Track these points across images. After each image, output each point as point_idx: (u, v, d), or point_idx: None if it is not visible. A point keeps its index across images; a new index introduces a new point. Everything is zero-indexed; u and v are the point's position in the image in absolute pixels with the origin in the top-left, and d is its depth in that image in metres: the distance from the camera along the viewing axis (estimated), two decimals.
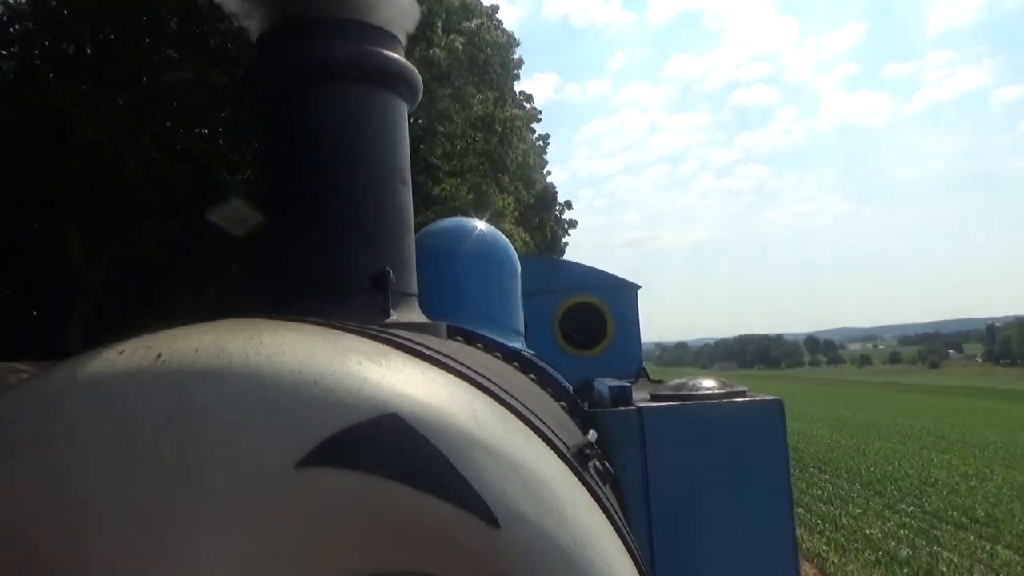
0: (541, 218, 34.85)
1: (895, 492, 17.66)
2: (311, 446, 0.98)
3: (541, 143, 38.38)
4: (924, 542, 12.92)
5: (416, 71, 2.07)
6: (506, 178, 26.47)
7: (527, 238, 27.87)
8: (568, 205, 40.77)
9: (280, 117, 1.95)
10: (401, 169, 2.01)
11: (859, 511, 15.56)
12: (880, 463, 22.24)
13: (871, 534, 13.56)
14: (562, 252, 37.08)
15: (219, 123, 16.08)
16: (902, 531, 13.81)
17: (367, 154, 1.92)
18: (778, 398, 2.49)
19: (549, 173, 41.47)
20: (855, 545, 12.83)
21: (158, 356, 1.07)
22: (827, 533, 13.74)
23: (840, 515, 15.12)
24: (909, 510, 15.71)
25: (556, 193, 38.90)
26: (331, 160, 1.89)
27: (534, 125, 34.49)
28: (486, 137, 24.35)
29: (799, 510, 15.06)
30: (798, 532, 12.84)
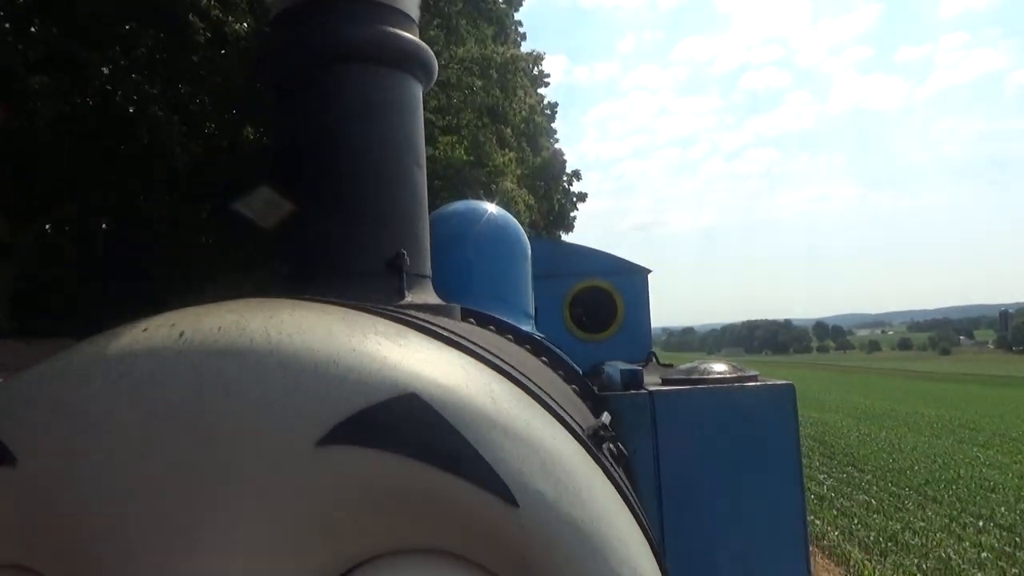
0: (548, 187, 32.13)
1: (953, 499, 15.97)
2: (332, 424, 0.99)
3: (549, 112, 35.23)
4: (1017, 572, 10.96)
5: (431, 52, 2.07)
6: (508, 131, 23.89)
7: (531, 201, 25.41)
8: (576, 176, 36.85)
9: (295, 99, 1.95)
10: (416, 151, 2.01)
11: (922, 524, 13.80)
12: (922, 461, 20.79)
13: (950, 558, 11.51)
14: (571, 227, 35.10)
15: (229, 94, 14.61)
16: (984, 554, 11.77)
17: (383, 136, 1.92)
18: (790, 382, 2.49)
19: (557, 141, 38.14)
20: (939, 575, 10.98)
21: (181, 334, 1.08)
22: (892, 555, 11.84)
23: (902, 530, 13.30)
24: (979, 523, 13.80)
25: (565, 162, 35.28)
26: (347, 142, 1.89)
27: (542, 91, 32.41)
28: (485, 87, 21.59)
29: (851, 521, 13.92)
30: (855, 552, 11.93)
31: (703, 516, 2.37)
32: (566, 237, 33.06)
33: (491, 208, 4.05)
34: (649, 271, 5.40)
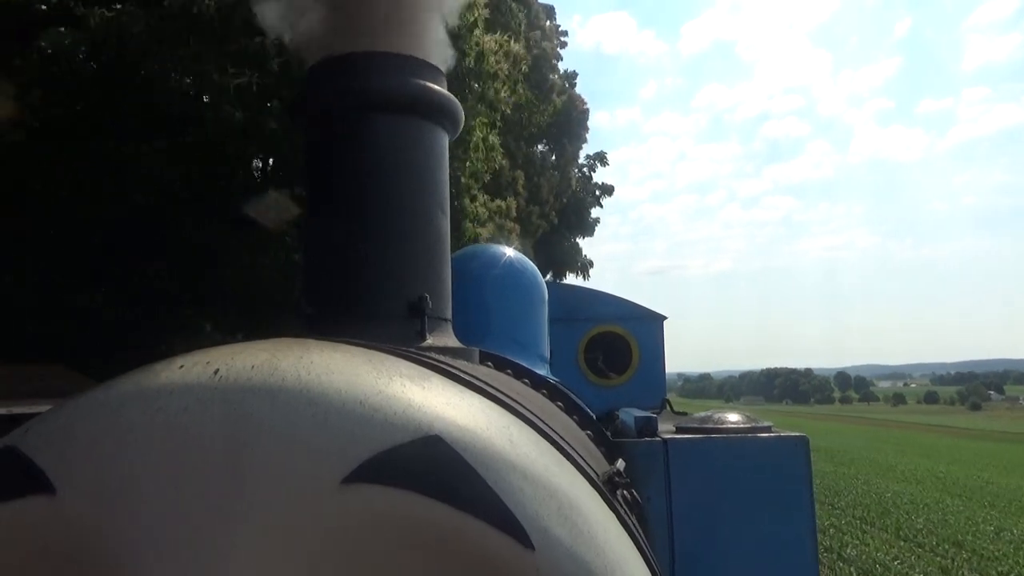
0: (560, 151, 24.12)
1: None
2: (357, 463, 1.03)
3: (562, 39, 25.70)
4: None
5: (458, 103, 2.15)
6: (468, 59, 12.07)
7: (509, 204, 18.43)
8: (601, 160, 28.23)
9: (327, 145, 2.03)
10: (441, 197, 2.08)
11: None
12: None
13: None
14: (591, 230, 28.78)
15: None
16: None
17: (410, 183, 1.99)
18: (803, 435, 2.50)
19: (575, 85, 26.44)
20: None
21: (216, 372, 1.13)
22: None
23: None
24: None
25: (587, 111, 25.74)
26: (375, 188, 1.96)
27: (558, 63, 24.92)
28: None
29: None
30: None
31: (715, 565, 2.36)
32: (584, 244, 28.79)
33: (509, 252, 4.11)
34: (665, 318, 5.42)
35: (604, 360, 5.19)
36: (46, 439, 1.13)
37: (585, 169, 29.30)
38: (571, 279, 28.48)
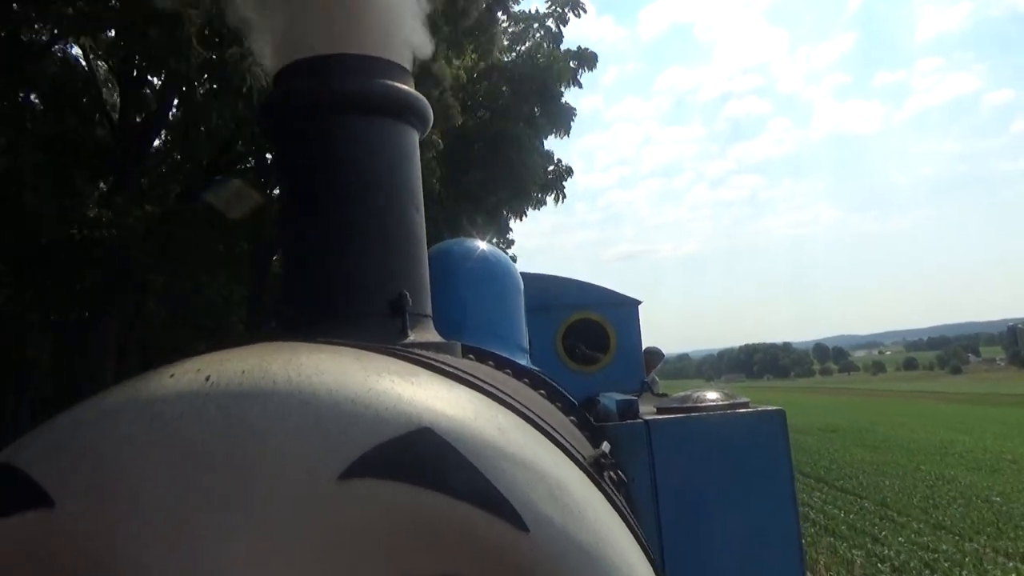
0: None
1: None
2: (353, 459, 1.06)
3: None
4: None
5: (426, 101, 2.17)
6: None
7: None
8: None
9: (299, 148, 2.04)
10: (415, 196, 2.10)
11: None
12: None
13: None
14: (565, 124, 19.92)
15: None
16: None
17: (383, 183, 2.01)
18: (780, 408, 2.57)
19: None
20: None
21: (207, 378, 1.15)
22: None
23: None
24: None
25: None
26: (348, 189, 1.98)
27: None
28: None
29: None
30: None
31: (700, 540, 2.43)
32: (557, 145, 23.12)
33: (482, 245, 4.14)
34: (639, 302, 5.49)
35: (582, 347, 5.25)
36: (42, 453, 1.14)
37: (551, 23, 20.13)
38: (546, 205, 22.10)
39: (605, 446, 1.95)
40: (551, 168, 21.70)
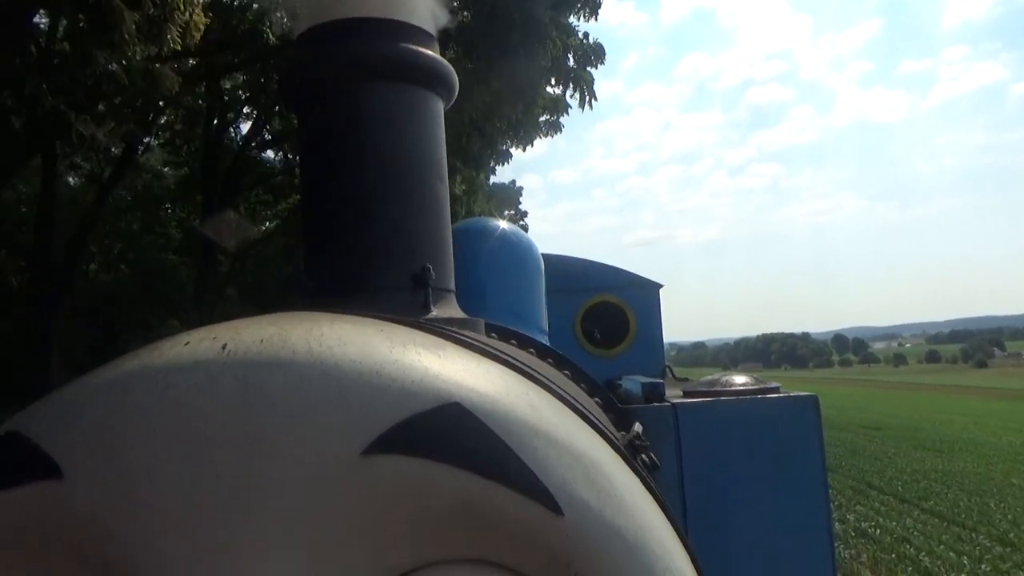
0: None
1: None
2: (378, 433, 1.00)
3: None
4: None
5: (452, 68, 2.10)
6: None
7: None
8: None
9: (320, 116, 1.98)
10: (439, 166, 2.04)
11: None
12: None
13: None
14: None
15: None
16: None
17: (407, 152, 1.95)
18: (813, 394, 2.49)
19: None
20: None
21: (224, 347, 1.09)
22: None
23: None
24: None
25: None
26: (371, 158, 1.92)
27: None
28: None
29: None
30: None
31: (727, 527, 2.36)
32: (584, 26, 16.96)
33: (504, 224, 4.07)
34: (660, 285, 5.40)
35: (601, 330, 5.18)
36: (51, 422, 1.08)
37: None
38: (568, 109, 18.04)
39: (637, 427, 1.88)
40: (577, 45, 15.92)
